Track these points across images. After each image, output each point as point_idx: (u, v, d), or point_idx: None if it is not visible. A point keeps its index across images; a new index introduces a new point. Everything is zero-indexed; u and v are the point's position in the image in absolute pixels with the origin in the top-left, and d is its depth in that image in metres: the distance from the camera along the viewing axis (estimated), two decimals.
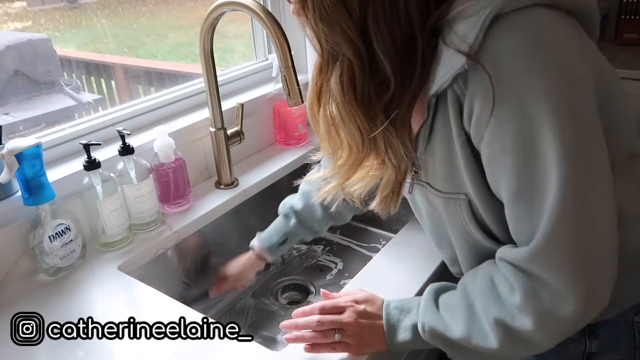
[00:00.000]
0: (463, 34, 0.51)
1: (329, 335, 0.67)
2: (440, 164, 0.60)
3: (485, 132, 0.52)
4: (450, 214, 0.63)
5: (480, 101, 0.51)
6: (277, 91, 1.25)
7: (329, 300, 0.71)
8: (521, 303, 0.54)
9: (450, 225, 0.65)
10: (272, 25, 0.87)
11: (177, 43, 2.07)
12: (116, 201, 0.89)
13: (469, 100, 0.52)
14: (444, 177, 0.61)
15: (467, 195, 0.59)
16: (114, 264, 0.87)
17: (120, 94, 2.01)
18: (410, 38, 0.55)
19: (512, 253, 0.56)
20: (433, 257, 0.85)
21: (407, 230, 0.94)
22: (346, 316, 0.68)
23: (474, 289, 0.61)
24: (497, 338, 0.57)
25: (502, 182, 0.54)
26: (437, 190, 0.63)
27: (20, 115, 1.16)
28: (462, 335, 0.60)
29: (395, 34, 0.54)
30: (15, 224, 0.82)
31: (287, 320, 0.70)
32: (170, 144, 0.97)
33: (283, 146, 1.30)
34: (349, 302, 0.70)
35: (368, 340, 0.67)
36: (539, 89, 0.48)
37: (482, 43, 0.50)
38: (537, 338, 0.55)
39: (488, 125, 0.52)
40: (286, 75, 0.90)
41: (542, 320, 0.54)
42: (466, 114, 0.53)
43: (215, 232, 1.05)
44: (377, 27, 0.53)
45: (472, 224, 0.61)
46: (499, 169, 0.53)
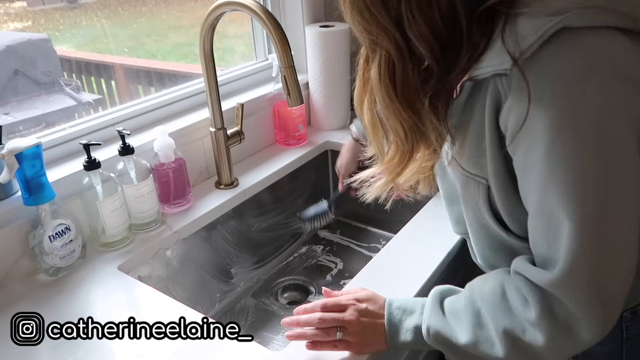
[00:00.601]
0: (522, 34, 0.48)
1: (331, 333, 0.67)
2: (469, 145, 0.59)
3: (520, 144, 0.51)
4: (467, 192, 0.63)
5: (518, 110, 0.49)
6: (277, 91, 1.25)
7: (331, 298, 0.71)
8: (536, 319, 0.54)
9: (464, 202, 0.65)
10: (272, 25, 0.87)
11: (177, 43, 2.07)
12: (116, 201, 0.89)
13: (509, 105, 0.50)
14: (469, 157, 0.60)
15: (487, 181, 0.59)
16: (114, 264, 0.87)
17: (120, 94, 2.00)
18: (452, 23, 0.51)
19: (530, 272, 0.55)
20: (433, 258, 0.85)
21: (407, 231, 0.94)
22: (348, 314, 0.67)
23: (483, 297, 0.61)
24: (504, 348, 0.57)
25: (530, 195, 0.53)
26: (459, 166, 0.62)
27: (20, 115, 1.16)
28: (468, 342, 0.60)
29: (433, 19, 0.50)
30: (15, 224, 0.82)
31: (289, 317, 0.70)
32: (170, 144, 0.97)
33: (283, 146, 1.30)
34: (351, 300, 0.70)
35: (369, 338, 0.67)
36: (578, 121, 0.46)
37: (536, 52, 0.47)
38: (545, 354, 0.56)
39: (522, 139, 0.50)
40: (286, 75, 0.90)
41: (555, 337, 0.54)
42: (503, 115, 0.52)
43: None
44: (409, 11, 0.50)
45: (485, 207, 0.61)
46: (528, 183, 0.53)
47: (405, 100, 0.56)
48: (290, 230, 1.28)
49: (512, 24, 0.49)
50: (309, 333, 0.68)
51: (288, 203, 1.26)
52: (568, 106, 0.46)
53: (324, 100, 1.33)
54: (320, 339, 0.67)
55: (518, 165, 0.53)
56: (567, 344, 0.55)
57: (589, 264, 0.50)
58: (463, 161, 0.61)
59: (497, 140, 0.55)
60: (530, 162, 0.51)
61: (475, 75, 0.53)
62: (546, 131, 0.47)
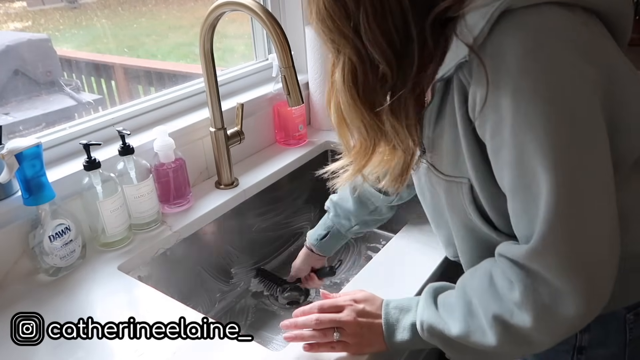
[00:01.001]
0: (472, 25, 0.51)
1: (328, 334, 0.67)
2: (446, 148, 0.61)
3: (487, 125, 0.53)
4: (451, 196, 0.64)
5: (480, 92, 0.52)
6: (277, 91, 1.25)
7: (328, 300, 0.71)
8: (520, 299, 0.54)
9: (449, 208, 0.66)
10: (272, 25, 0.87)
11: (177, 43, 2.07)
12: (116, 201, 0.89)
13: (473, 90, 0.53)
14: (448, 161, 0.61)
15: (469, 180, 0.60)
16: (114, 264, 0.87)
17: (120, 94, 2.00)
18: (405, 33, 0.55)
19: (511, 250, 0.56)
20: (433, 258, 0.85)
21: (407, 231, 0.94)
22: (345, 315, 0.68)
23: (472, 286, 0.61)
24: (496, 335, 0.57)
25: (504, 175, 0.54)
26: (440, 173, 0.63)
27: (20, 115, 1.16)
28: (460, 333, 0.60)
29: (387, 29, 0.55)
30: (15, 224, 0.82)
31: (287, 320, 0.70)
32: (170, 144, 0.97)
33: (283, 146, 1.30)
34: (348, 301, 0.70)
35: (367, 339, 0.67)
36: (536, 90, 0.49)
37: (487, 36, 0.50)
38: (535, 335, 0.55)
39: (488, 119, 0.52)
40: (286, 75, 0.90)
41: (541, 316, 0.54)
42: (470, 103, 0.54)
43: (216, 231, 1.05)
44: (366, 22, 0.55)
45: (471, 207, 0.62)
46: (501, 163, 0.54)
47: (366, 102, 0.60)
48: (290, 230, 1.28)
49: (461, 22, 0.53)
50: (307, 334, 0.68)
51: (288, 203, 1.26)
52: (523, 78, 0.49)
53: (324, 100, 1.33)
54: (317, 340, 0.68)
55: (489, 147, 0.54)
56: (554, 323, 0.54)
57: (564, 229, 0.50)
58: (443, 167, 0.63)
59: (471, 132, 0.56)
60: (498, 140, 0.52)
61: (442, 76, 0.55)
62: (508, 107, 0.50)
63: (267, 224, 1.21)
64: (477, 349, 0.60)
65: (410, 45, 0.56)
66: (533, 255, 0.53)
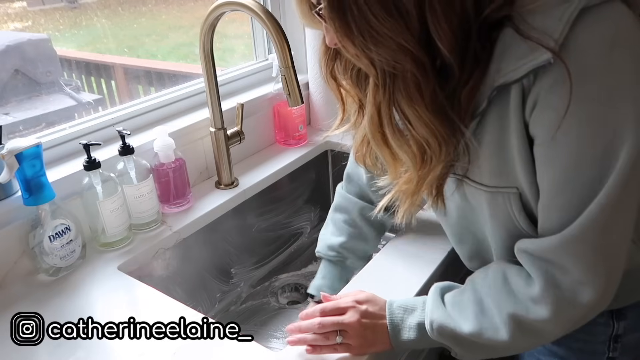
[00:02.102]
0: (546, 28, 0.50)
1: (331, 337, 0.67)
2: (489, 158, 0.58)
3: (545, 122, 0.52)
4: (497, 207, 0.61)
5: (552, 94, 0.50)
6: (277, 91, 1.25)
7: (330, 302, 0.71)
8: (540, 292, 0.56)
9: (493, 220, 0.63)
10: (272, 25, 0.87)
11: (177, 43, 2.07)
12: (116, 201, 0.89)
13: (535, 92, 0.51)
14: (491, 170, 0.59)
15: (517, 189, 0.58)
16: (114, 264, 0.87)
17: (120, 94, 2.01)
18: (466, 32, 0.53)
19: (536, 243, 0.57)
20: (433, 258, 0.85)
21: (407, 231, 0.94)
22: (348, 317, 0.67)
23: (485, 285, 0.62)
24: (509, 332, 0.58)
25: (551, 171, 0.54)
26: (480, 185, 0.60)
27: (20, 115, 1.16)
28: (472, 331, 0.60)
29: (454, 28, 0.52)
30: (15, 224, 0.82)
31: (292, 324, 0.70)
32: (170, 144, 0.97)
33: (283, 146, 1.30)
34: (350, 302, 0.69)
35: (371, 340, 0.67)
36: (621, 86, 0.49)
37: (566, 36, 0.49)
38: (548, 328, 0.57)
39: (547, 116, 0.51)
40: (286, 75, 0.90)
41: (559, 309, 0.55)
42: (529, 106, 0.53)
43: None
44: (437, 25, 0.51)
45: (522, 217, 0.60)
46: (553, 159, 0.53)
47: (435, 110, 0.55)
48: (290, 230, 1.28)
49: (523, 24, 0.51)
50: (309, 338, 0.68)
51: (288, 203, 1.26)
52: (612, 76, 0.48)
53: (324, 100, 1.33)
54: (320, 343, 0.67)
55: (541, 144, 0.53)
56: (571, 312, 0.56)
57: (602, 223, 0.52)
58: (484, 178, 0.60)
59: (525, 138, 0.55)
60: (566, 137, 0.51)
61: (505, 80, 0.52)
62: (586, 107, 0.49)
63: (267, 224, 1.21)
64: (488, 345, 0.60)
65: (469, 46, 0.53)
66: (564, 243, 0.54)
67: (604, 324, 0.67)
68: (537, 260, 0.56)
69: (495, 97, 0.55)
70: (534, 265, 0.57)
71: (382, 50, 0.52)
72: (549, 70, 0.50)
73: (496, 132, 0.56)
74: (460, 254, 0.76)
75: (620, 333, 0.67)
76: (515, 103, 0.53)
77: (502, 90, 0.54)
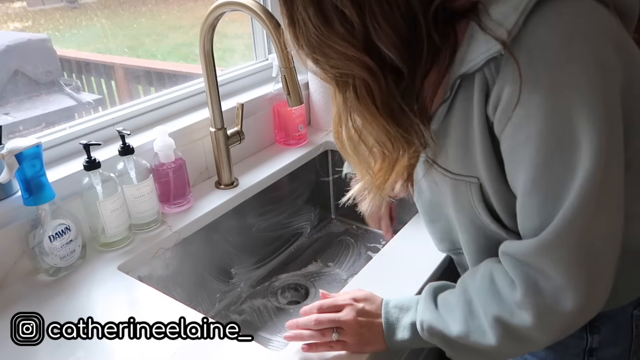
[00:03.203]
0: (502, 17, 0.49)
1: (327, 334, 0.67)
2: (454, 146, 0.59)
3: (510, 121, 0.51)
4: (459, 195, 0.62)
5: (509, 89, 0.50)
6: (277, 91, 1.25)
7: (327, 299, 0.71)
8: (521, 298, 0.54)
9: (456, 206, 0.64)
10: (272, 26, 0.87)
11: (177, 43, 2.07)
12: (116, 201, 0.89)
13: (499, 87, 0.51)
14: (456, 158, 0.60)
15: (478, 179, 0.58)
16: (114, 264, 0.87)
17: (120, 94, 2.00)
18: (413, 23, 0.52)
19: (516, 246, 0.55)
20: (433, 258, 0.85)
21: (407, 231, 0.94)
22: (344, 314, 0.68)
23: (473, 287, 0.61)
24: (496, 336, 0.57)
25: (521, 171, 0.53)
26: (446, 171, 0.61)
27: (20, 115, 1.16)
28: (460, 333, 0.60)
29: (396, 22, 0.51)
30: (15, 224, 0.82)
31: (291, 320, 0.70)
32: (170, 144, 0.97)
33: (283, 146, 1.30)
34: (348, 300, 0.70)
35: (366, 338, 0.67)
36: (577, 82, 0.47)
37: (521, 28, 0.48)
38: (535, 335, 0.55)
39: (514, 114, 0.50)
40: (286, 75, 0.90)
41: (542, 315, 0.54)
42: (492, 100, 0.52)
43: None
44: (378, 27, 0.51)
45: (481, 206, 0.60)
46: (521, 159, 0.52)
47: (387, 113, 0.56)
48: (290, 230, 1.28)
49: (484, 14, 0.51)
50: (306, 334, 0.68)
51: (288, 203, 1.26)
52: (565, 70, 0.47)
53: (324, 100, 1.33)
54: (316, 340, 0.68)
55: (507, 144, 0.53)
56: (555, 319, 0.54)
57: (580, 225, 0.50)
58: (450, 164, 0.61)
59: (487, 131, 0.54)
60: (521, 136, 0.50)
61: (466, 71, 0.53)
62: (542, 100, 0.48)
63: (267, 224, 1.21)
64: (477, 348, 0.59)
65: (417, 37, 0.53)
66: (541, 248, 0.52)
67: (578, 336, 0.65)
68: (519, 264, 0.55)
69: (462, 87, 0.55)
70: (515, 269, 0.55)
71: (330, 61, 0.54)
72: (507, 63, 0.49)
73: (462, 122, 0.56)
74: (432, 235, 0.77)
75: (595, 347, 0.65)
76: (478, 95, 0.53)
77: (466, 80, 0.54)
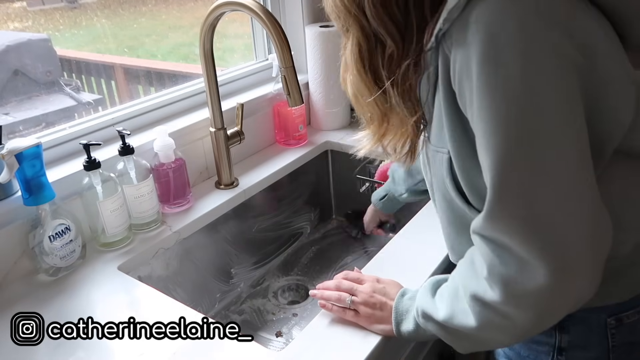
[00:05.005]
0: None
1: (343, 299, 0.72)
2: (436, 117, 0.61)
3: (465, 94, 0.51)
4: (436, 167, 0.64)
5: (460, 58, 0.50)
6: (277, 91, 1.25)
7: (354, 272, 0.78)
8: (487, 273, 0.53)
9: (434, 178, 0.67)
10: (272, 25, 0.87)
11: (177, 43, 2.07)
12: (116, 201, 0.89)
13: (453, 59, 0.52)
14: (435, 131, 0.62)
15: (448, 152, 0.60)
16: (114, 264, 0.87)
17: (120, 94, 2.00)
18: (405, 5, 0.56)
19: (475, 221, 0.54)
20: (433, 258, 0.85)
21: (407, 230, 0.94)
22: (363, 286, 0.73)
23: (459, 271, 0.62)
24: (475, 315, 0.56)
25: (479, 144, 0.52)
26: (430, 143, 0.64)
27: (20, 115, 1.16)
28: (445, 316, 0.60)
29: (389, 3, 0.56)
30: (15, 224, 0.82)
31: (321, 283, 0.78)
32: (170, 144, 0.97)
33: (283, 146, 1.30)
34: (372, 278, 0.76)
35: (378, 316, 0.70)
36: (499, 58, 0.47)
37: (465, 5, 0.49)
38: (512, 313, 0.53)
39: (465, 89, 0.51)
40: (286, 75, 0.90)
41: (510, 289, 0.52)
42: (452, 73, 0.53)
43: None
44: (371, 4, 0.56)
45: (448, 179, 0.62)
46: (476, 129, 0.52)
47: (373, 77, 0.62)
48: (290, 230, 1.28)
49: None
50: (326, 294, 0.74)
51: (288, 203, 1.26)
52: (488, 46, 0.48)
53: (324, 100, 1.33)
54: (333, 300, 0.73)
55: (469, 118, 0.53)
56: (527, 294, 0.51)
57: (518, 190, 0.49)
58: (432, 136, 0.63)
59: (452, 103, 0.55)
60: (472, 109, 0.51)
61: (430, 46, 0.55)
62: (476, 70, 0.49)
63: (267, 224, 1.21)
64: (463, 331, 0.58)
65: (409, 17, 0.57)
66: (490, 220, 0.51)
67: (547, 333, 0.64)
68: (483, 240, 0.53)
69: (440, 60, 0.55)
70: (481, 245, 0.54)
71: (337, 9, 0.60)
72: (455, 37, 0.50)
73: (440, 93, 0.58)
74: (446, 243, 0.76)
75: (564, 346, 0.64)
76: (442, 69, 0.55)
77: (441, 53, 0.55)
